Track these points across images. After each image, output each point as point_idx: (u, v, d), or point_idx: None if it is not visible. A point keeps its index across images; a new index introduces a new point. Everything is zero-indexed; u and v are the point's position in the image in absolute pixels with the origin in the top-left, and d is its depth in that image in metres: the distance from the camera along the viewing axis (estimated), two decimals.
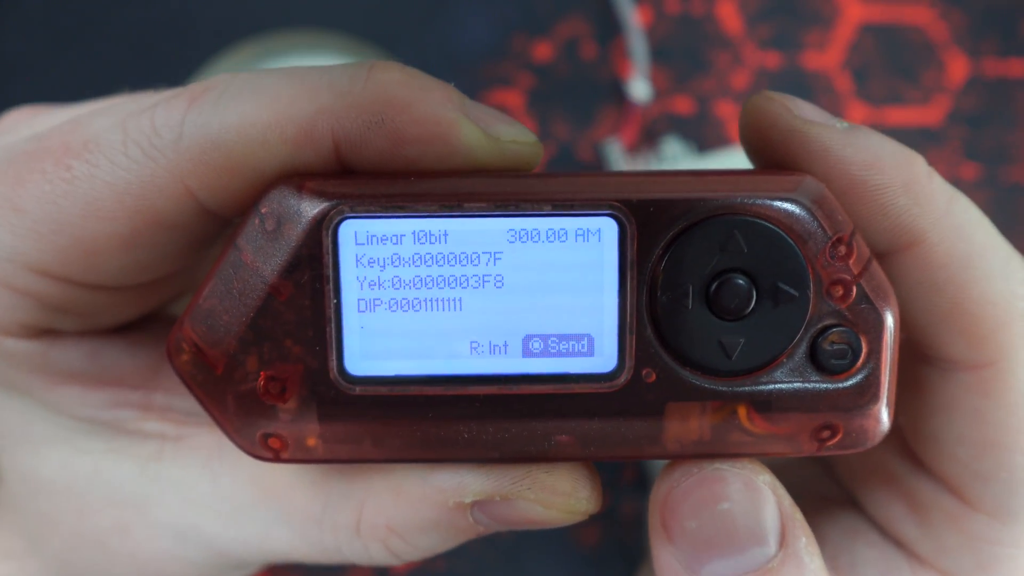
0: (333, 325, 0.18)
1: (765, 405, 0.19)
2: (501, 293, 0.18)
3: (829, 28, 0.46)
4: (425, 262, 0.18)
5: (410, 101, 0.19)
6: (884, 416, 0.19)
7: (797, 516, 0.20)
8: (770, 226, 0.18)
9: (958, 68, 0.46)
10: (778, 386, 0.19)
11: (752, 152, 0.22)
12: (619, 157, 0.44)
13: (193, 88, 0.20)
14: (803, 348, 0.18)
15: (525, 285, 0.18)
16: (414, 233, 0.18)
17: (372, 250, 0.18)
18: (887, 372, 0.19)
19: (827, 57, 0.46)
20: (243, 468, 0.23)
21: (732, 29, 0.45)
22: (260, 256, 0.18)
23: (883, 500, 0.24)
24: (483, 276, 0.18)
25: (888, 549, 0.24)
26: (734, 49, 0.45)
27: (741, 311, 0.18)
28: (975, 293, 0.20)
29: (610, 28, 0.45)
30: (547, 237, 0.18)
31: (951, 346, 0.21)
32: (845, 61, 0.45)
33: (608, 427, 0.19)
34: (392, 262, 0.18)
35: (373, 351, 0.18)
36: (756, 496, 0.19)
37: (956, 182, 0.45)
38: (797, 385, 0.19)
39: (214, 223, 0.21)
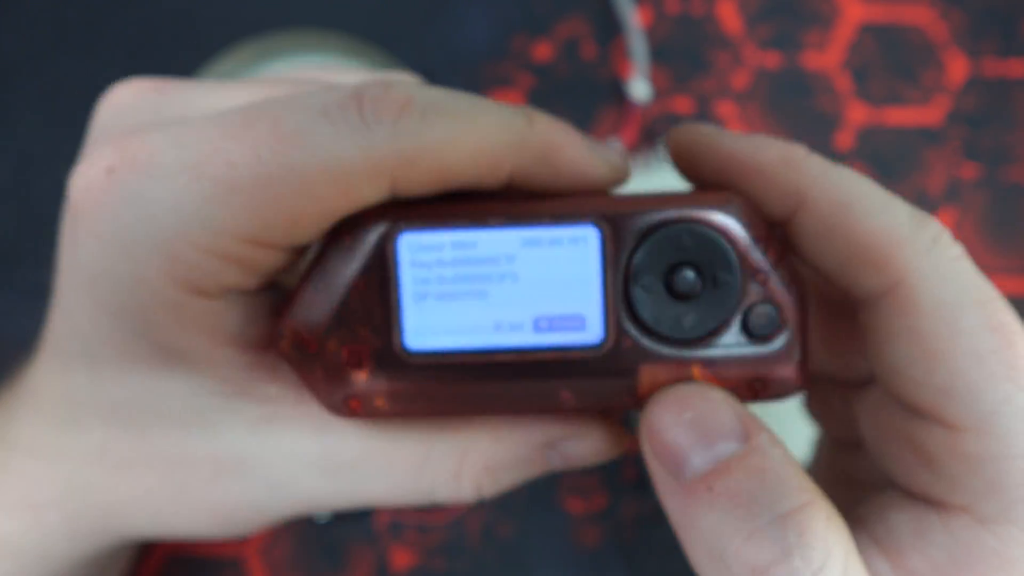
0: (396, 312, 0.25)
1: (712, 364, 0.25)
2: (517, 286, 0.24)
3: (829, 28, 0.46)
4: (460, 264, 0.24)
5: (562, 145, 0.26)
6: (800, 368, 0.25)
7: (758, 421, 0.24)
8: (710, 231, 0.24)
9: (958, 68, 0.46)
10: (721, 349, 0.25)
11: (685, 176, 0.28)
12: None
13: (394, 93, 0.24)
14: (737, 320, 0.25)
15: (534, 279, 0.24)
16: (452, 243, 0.24)
17: (422, 256, 0.24)
18: (799, 335, 0.25)
19: (827, 57, 0.46)
20: (350, 432, 0.27)
21: (732, 29, 0.46)
22: (342, 264, 0.25)
23: (898, 458, 0.26)
24: (503, 273, 0.24)
25: (917, 507, 0.25)
26: (734, 49, 0.46)
27: (692, 294, 0.24)
28: (862, 228, 0.25)
29: (610, 28, 0.46)
30: (549, 243, 0.24)
31: (863, 279, 0.25)
32: (845, 61, 0.46)
33: (596, 384, 0.25)
34: (437, 264, 0.24)
35: (426, 331, 0.25)
36: (712, 403, 0.24)
37: (956, 182, 0.45)
38: (735, 349, 0.25)
39: None
